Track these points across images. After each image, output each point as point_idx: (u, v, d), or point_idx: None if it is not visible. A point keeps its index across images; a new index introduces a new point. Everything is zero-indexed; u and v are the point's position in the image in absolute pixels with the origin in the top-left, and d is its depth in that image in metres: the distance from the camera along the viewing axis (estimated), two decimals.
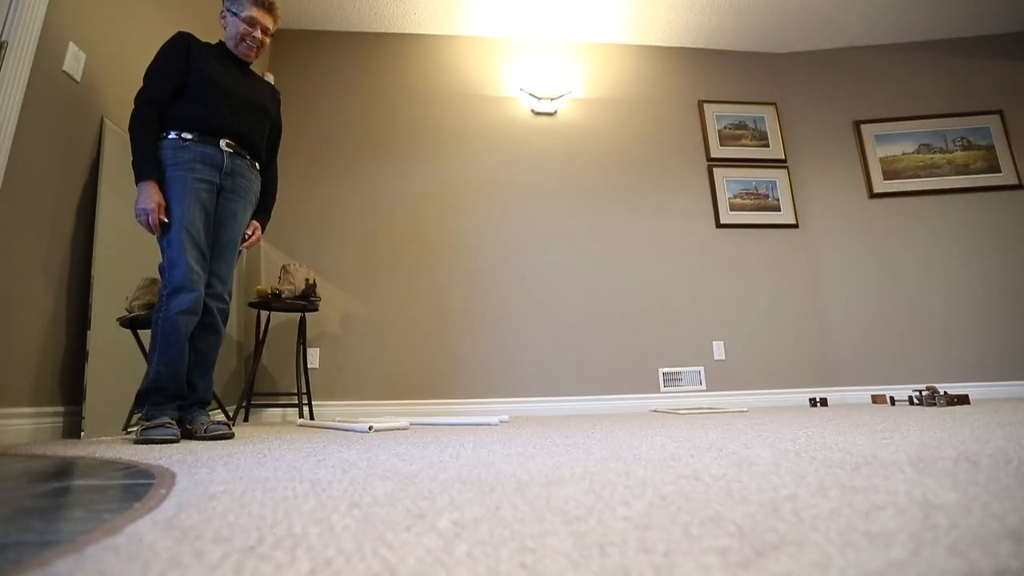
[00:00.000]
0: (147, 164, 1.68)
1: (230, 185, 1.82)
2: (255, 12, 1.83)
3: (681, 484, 0.65)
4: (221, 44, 1.91)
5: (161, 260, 1.71)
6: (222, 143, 1.78)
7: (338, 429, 2.04)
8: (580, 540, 0.42)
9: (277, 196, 2.21)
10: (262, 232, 2.01)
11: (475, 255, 3.44)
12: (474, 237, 3.47)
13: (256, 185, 1.93)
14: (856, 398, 3.43)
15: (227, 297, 1.85)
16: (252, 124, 1.87)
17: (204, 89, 1.76)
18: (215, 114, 1.77)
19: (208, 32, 2.82)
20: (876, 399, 3.11)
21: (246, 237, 1.93)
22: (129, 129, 1.72)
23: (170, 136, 1.73)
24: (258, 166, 1.94)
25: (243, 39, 1.85)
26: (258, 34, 1.85)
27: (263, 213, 2.01)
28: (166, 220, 1.68)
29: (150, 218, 1.65)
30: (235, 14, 1.83)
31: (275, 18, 1.89)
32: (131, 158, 1.69)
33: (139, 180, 1.67)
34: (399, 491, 0.66)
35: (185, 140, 1.73)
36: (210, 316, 1.78)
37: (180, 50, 1.77)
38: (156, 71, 1.75)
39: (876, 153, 3.81)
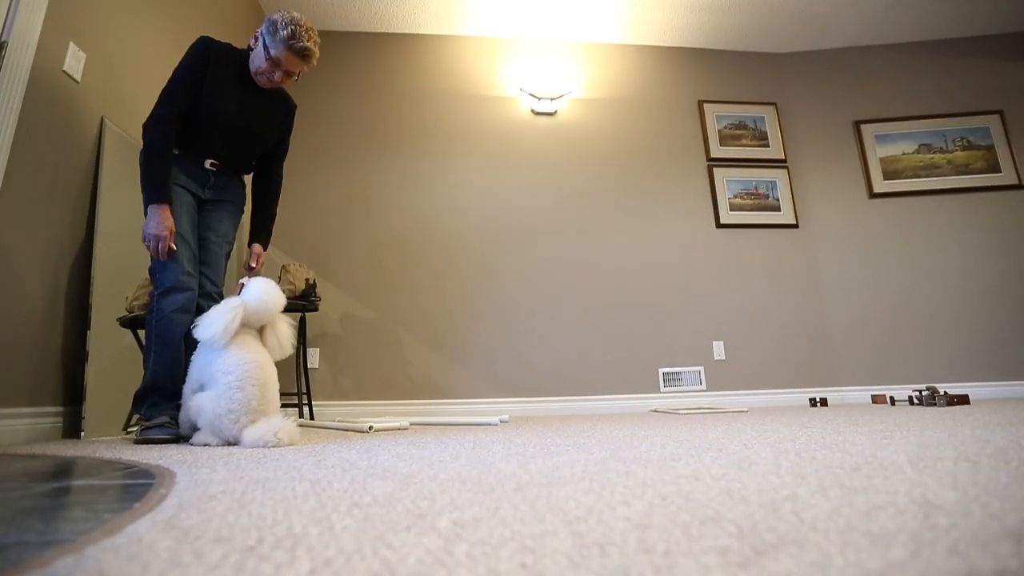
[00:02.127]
0: (162, 186, 1.64)
1: (213, 196, 1.84)
2: (284, 56, 1.70)
3: (681, 484, 0.65)
4: (245, 57, 1.81)
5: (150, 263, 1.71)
6: (207, 163, 1.80)
7: (338, 429, 2.04)
8: (580, 540, 0.42)
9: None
10: (264, 251, 1.97)
11: (474, 255, 3.44)
12: (473, 237, 3.47)
13: (241, 192, 1.95)
14: (856, 398, 3.43)
15: (217, 296, 1.85)
16: (240, 149, 1.85)
17: (202, 117, 1.73)
18: (203, 141, 1.76)
19: (209, 32, 2.82)
20: (876, 399, 3.11)
21: (254, 261, 1.91)
22: (145, 144, 1.65)
23: None
24: (243, 173, 1.95)
25: (262, 73, 1.76)
26: (277, 76, 1.75)
27: (264, 234, 1.96)
28: (175, 248, 1.66)
29: (160, 245, 1.62)
30: (266, 46, 1.71)
31: (308, 64, 1.75)
32: (142, 176, 1.65)
33: (150, 202, 1.62)
34: (399, 491, 0.66)
35: (173, 154, 1.73)
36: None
37: (198, 66, 1.72)
38: (176, 87, 1.69)
39: (876, 153, 3.81)
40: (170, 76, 1.73)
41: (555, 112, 3.74)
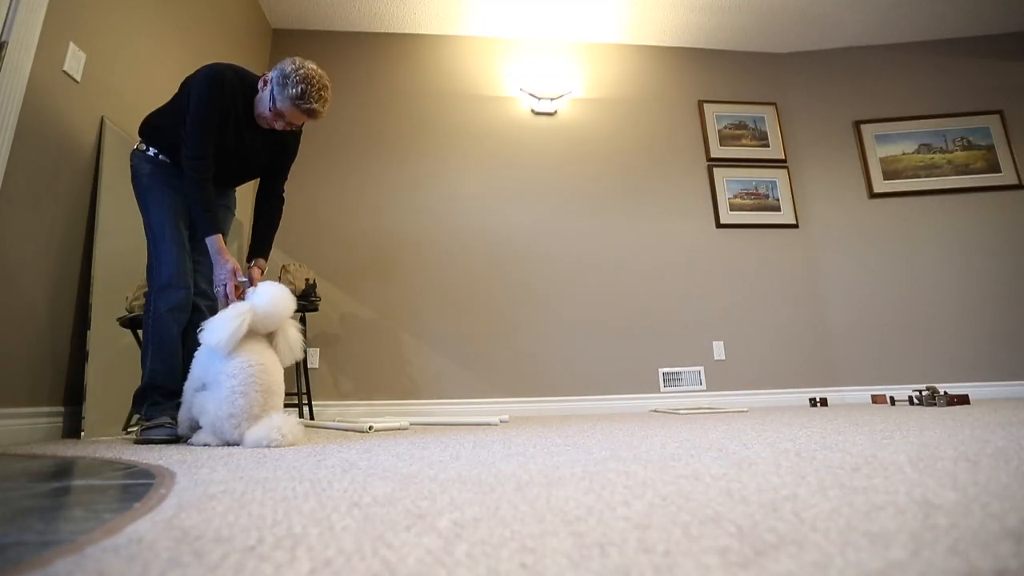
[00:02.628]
0: (216, 217, 1.66)
1: None
2: (288, 110, 1.66)
3: (681, 484, 0.65)
4: (253, 82, 1.77)
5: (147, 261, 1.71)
6: None
7: (338, 429, 2.04)
8: (580, 540, 0.42)
9: None
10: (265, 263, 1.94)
11: (474, 255, 3.44)
12: (473, 237, 3.47)
13: (232, 195, 1.96)
14: (856, 398, 3.43)
15: (213, 295, 1.84)
16: (230, 174, 1.82)
17: None
18: None
19: (209, 32, 2.82)
20: (876, 399, 3.11)
21: (248, 282, 1.88)
22: (194, 178, 1.64)
23: (149, 152, 1.74)
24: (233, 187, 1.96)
25: (263, 118, 1.74)
26: (279, 125, 1.73)
27: (266, 250, 1.93)
28: (245, 279, 1.66)
29: (228, 287, 1.62)
30: (273, 96, 1.67)
31: (313, 120, 1.74)
32: (193, 210, 1.67)
33: (207, 233, 1.64)
34: (399, 491, 0.66)
35: (166, 163, 1.74)
36: (199, 315, 1.77)
37: (215, 107, 1.66)
38: (203, 128, 1.64)
39: (876, 153, 3.81)
40: (192, 110, 1.65)
41: (555, 112, 3.74)
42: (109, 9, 2.09)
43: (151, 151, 1.75)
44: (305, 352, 2.87)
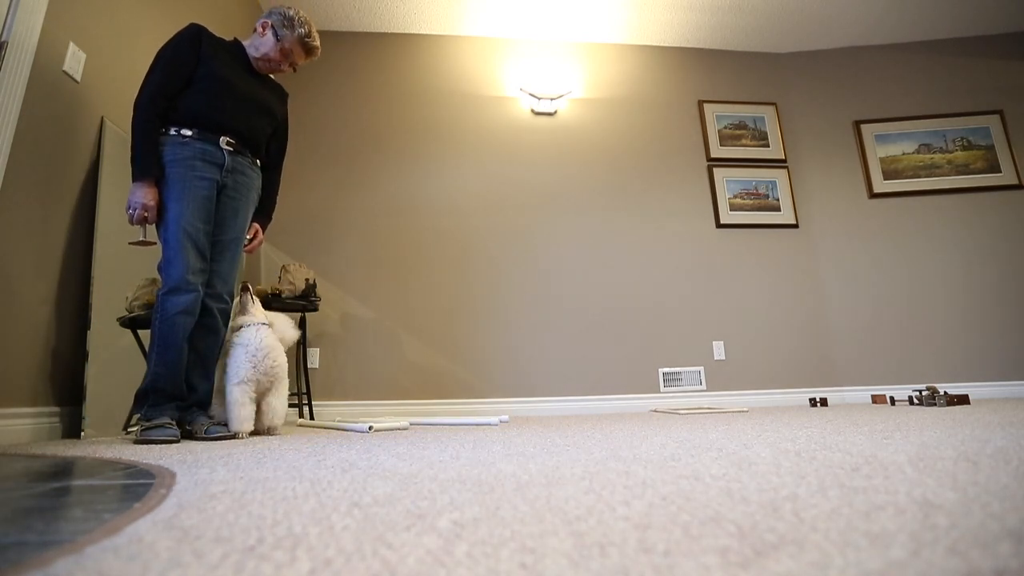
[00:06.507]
0: (148, 161, 1.63)
1: (232, 183, 1.80)
2: (296, 47, 1.84)
3: (681, 484, 0.65)
4: (237, 43, 1.88)
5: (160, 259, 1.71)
6: (222, 141, 1.75)
7: (338, 429, 2.04)
8: (580, 540, 0.42)
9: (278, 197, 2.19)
10: (263, 234, 2.00)
11: (474, 255, 3.44)
12: (473, 237, 3.47)
13: (257, 183, 1.91)
14: (856, 398, 3.43)
15: (227, 298, 1.83)
16: (255, 122, 1.85)
17: (209, 83, 1.72)
18: (217, 109, 1.73)
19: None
20: (876, 399, 3.11)
21: (247, 241, 1.92)
22: (133, 121, 1.64)
23: (170, 132, 1.70)
24: (259, 163, 1.93)
25: (268, 60, 1.85)
26: (284, 66, 1.87)
27: (264, 216, 1.98)
28: (152, 224, 1.66)
29: (137, 214, 1.63)
30: (277, 36, 1.82)
31: (310, 60, 1.92)
32: (130, 154, 1.64)
33: (137, 178, 1.62)
34: (399, 491, 0.66)
35: (185, 137, 1.70)
36: (210, 317, 1.77)
37: (192, 42, 1.73)
38: (167, 61, 1.70)
39: (876, 153, 3.81)
40: (160, 52, 1.73)
41: (555, 112, 3.74)
42: (109, 9, 2.09)
43: (171, 131, 1.71)
44: (305, 352, 2.89)
